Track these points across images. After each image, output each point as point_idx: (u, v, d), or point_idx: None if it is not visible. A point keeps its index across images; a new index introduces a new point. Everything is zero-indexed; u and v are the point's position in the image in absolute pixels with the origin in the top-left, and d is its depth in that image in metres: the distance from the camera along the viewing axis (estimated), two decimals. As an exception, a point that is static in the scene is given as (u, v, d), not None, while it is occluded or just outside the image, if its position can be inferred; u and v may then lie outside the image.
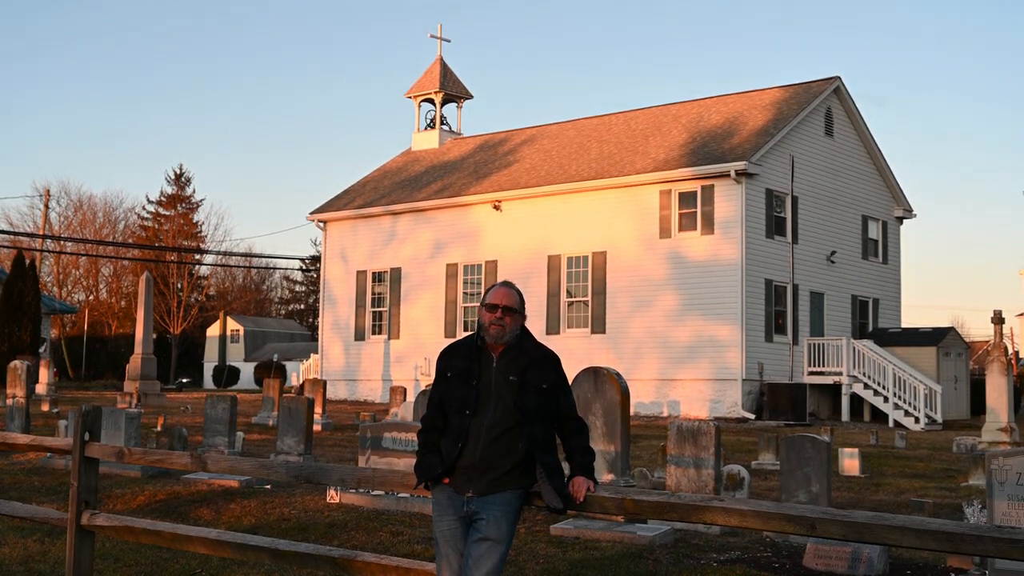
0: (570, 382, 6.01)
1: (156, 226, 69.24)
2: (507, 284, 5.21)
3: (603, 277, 30.88)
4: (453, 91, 40.49)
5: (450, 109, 41.48)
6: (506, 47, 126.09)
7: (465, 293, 33.90)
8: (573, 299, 31.58)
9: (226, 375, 58.23)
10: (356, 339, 36.62)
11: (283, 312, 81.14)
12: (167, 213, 69.55)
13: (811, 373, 29.78)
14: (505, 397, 4.99)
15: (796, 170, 30.42)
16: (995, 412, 19.26)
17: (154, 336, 37.88)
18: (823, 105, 31.99)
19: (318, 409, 23.26)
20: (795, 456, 9.56)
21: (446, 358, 5.20)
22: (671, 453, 10.12)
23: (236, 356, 62.62)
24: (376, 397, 35.36)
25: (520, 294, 5.21)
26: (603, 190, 31.04)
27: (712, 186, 28.97)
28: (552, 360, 5.16)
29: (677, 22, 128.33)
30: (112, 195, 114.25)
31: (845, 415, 28.97)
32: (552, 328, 31.26)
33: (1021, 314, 63.63)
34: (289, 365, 51.92)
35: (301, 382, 33.41)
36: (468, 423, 4.98)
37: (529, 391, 5.00)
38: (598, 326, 30.85)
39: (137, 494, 11.81)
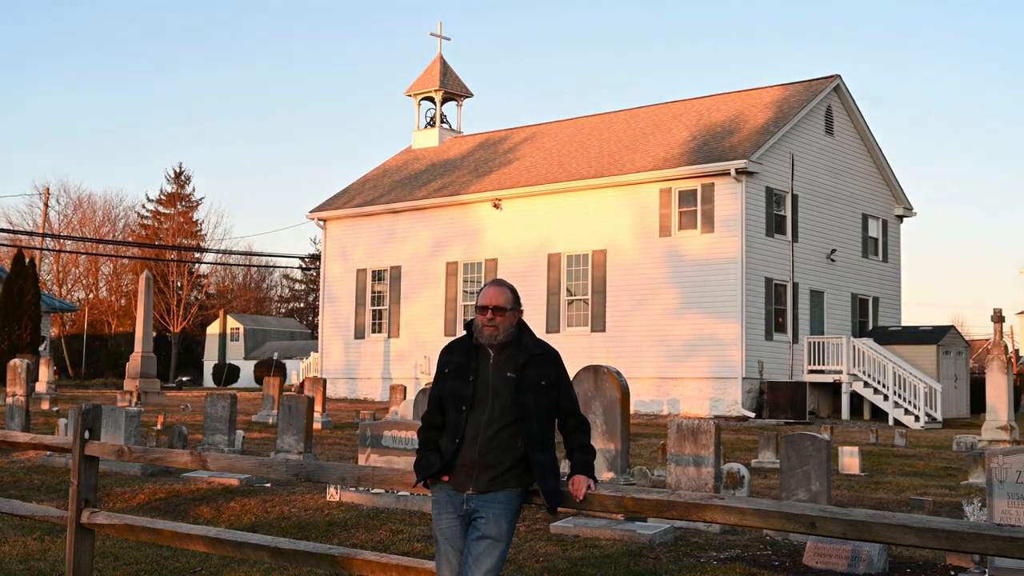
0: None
1: (156, 224, 69.25)
2: (497, 283, 5.11)
3: (603, 275, 30.88)
4: (453, 89, 40.47)
5: (450, 107, 41.47)
6: (506, 46, 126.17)
7: (465, 291, 33.89)
8: (573, 297, 31.57)
9: (226, 373, 58.25)
10: (356, 337, 36.62)
11: (283, 310, 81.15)
12: (167, 211, 69.55)
13: (811, 371, 29.79)
14: (503, 394, 4.96)
15: (796, 168, 30.42)
16: (995, 410, 19.25)
17: (154, 334, 37.89)
18: (823, 103, 31.98)
19: (318, 407, 23.26)
20: (795, 454, 9.56)
21: (445, 354, 5.18)
22: (671, 451, 10.12)
23: (236, 354, 62.65)
24: (376, 395, 35.36)
25: (512, 290, 5.11)
26: (603, 188, 31.03)
27: (712, 184, 28.97)
28: (552, 356, 5.10)
29: (678, 21, 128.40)
30: (112, 193, 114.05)
31: (845, 413, 28.99)
32: (552, 326, 31.26)
33: (1021, 312, 63.65)
34: (289, 363, 51.95)
35: (301, 380, 33.38)
36: (465, 419, 4.96)
37: (527, 388, 4.96)
38: (598, 324, 30.85)
39: (137, 492, 11.82)
